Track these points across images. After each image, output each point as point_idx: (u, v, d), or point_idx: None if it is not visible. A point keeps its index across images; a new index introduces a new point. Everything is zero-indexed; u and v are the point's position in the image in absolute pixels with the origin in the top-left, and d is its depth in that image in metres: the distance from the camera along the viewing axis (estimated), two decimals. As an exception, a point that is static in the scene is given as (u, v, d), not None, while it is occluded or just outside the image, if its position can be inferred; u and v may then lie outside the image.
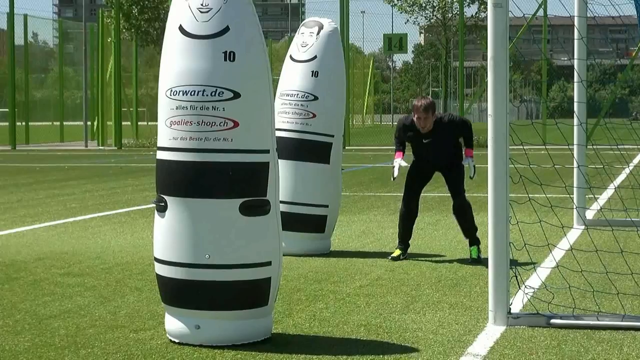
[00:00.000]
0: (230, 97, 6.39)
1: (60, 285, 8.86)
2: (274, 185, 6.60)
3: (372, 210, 15.05)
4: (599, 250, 8.85)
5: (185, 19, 6.48)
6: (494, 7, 7.03)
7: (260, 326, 6.66)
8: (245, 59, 6.44)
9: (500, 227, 7.07)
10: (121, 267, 9.80)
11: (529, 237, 8.62)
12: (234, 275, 6.47)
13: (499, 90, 7.06)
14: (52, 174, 24.22)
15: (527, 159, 7.94)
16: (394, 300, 8.11)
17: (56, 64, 53.23)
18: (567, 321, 7.10)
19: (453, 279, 9.11)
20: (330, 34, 10.67)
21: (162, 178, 6.60)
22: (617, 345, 6.57)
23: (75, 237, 12.14)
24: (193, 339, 6.55)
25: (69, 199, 17.30)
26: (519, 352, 6.40)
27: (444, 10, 41.17)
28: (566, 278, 8.20)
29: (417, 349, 6.49)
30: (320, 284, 8.89)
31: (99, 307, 7.85)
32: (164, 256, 6.60)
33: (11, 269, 9.69)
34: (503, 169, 7.05)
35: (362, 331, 7.02)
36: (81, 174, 24.43)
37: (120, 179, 22.25)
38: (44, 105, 56.44)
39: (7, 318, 7.46)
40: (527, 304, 7.62)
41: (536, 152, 9.48)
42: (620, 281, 8.38)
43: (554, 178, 10.46)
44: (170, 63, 6.52)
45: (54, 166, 27.87)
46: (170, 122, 6.48)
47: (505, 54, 7.07)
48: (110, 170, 25.68)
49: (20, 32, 43.77)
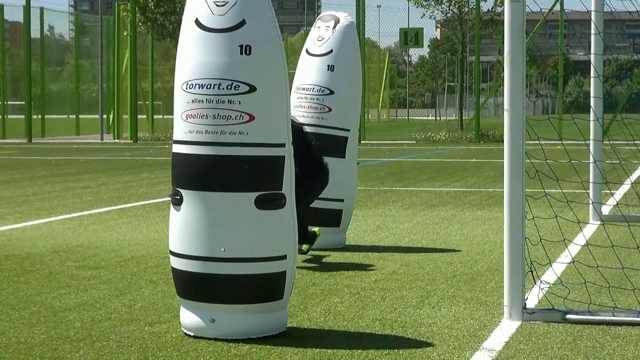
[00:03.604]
0: (246, 90, 6.39)
1: (75, 278, 8.89)
2: (290, 179, 6.61)
3: (388, 205, 15.04)
4: (615, 246, 8.83)
5: (201, 12, 6.49)
6: (510, 2, 7.01)
7: (275, 320, 6.67)
8: (261, 52, 6.44)
9: (516, 222, 7.07)
10: (136, 261, 9.82)
11: (545, 232, 8.61)
12: (249, 269, 6.48)
13: (515, 85, 7.05)
14: (67, 167, 24.28)
15: (543, 154, 7.93)
16: (409, 295, 8.11)
17: (72, 57, 53.32)
18: (582, 317, 7.09)
19: (468, 274, 9.11)
20: (346, 28, 10.67)
21: (177, 171, 6.61)
22: (633, 341, 6.56)
23: (90, 230, 12.17)
24: (208, 333, 6.56)
25: (84, 192, 17.35)
26: (534, 347, 6.40)
27: (460, 4, 41.02)
28: (582, 273, 8.19)
29: (432, 343, 6.49)
30: (335, 278, 8.90)
31: (114, 300, 7.87)
32: (179, 249, 6.61)
33: (27, 262, 9.73)
34: (519, 164, 7.04)
35: (377, 325, 7.02)
36: (97, 167, 24.49)
37: (135, 173, 22.30)
38: (60, 99, 56.54)
39: (22, 310, 7.48)
40: (543, 299, 7.62)
41: (552, 147, 9.48)
42: (636, 277, 8.37)
43: (570, 173, 10.45)
44: (186, 56, 6.52)
45: (70, 159, 27.93)
46: (186, 116, 6.49)
47: (521, 49, 7.06)
48: (126, 164, 25.73)
49: (36, 25, 43.90)
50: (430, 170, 22.75)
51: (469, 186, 18.52)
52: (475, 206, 14.90)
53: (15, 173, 22.22)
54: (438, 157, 27.66)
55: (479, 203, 15.37)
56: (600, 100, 12.35)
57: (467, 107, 54.55)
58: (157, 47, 47.11)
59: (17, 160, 28.00)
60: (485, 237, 11.54)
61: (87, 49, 53.13)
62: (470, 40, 53.96)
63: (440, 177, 20.86)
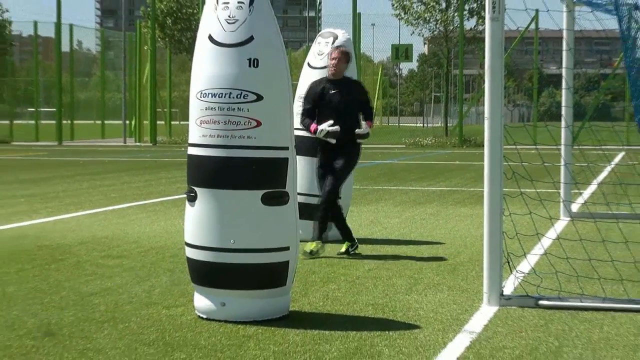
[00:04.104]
0: (254, 99, 6.39)
1: (100, 266, 8.89)
2: (292, 179, 6.61)
3: (380, 202, 15.04)
4: (583, 240, 8.84)
5: (214, 29, 6.49)
6: (491, 21, 7.02)
7: (279, 304, 6.67)
8: (267, 65, 6.44)
9: (494, 218, 7.07)
10: (155, 251, 9.82)
11: (520, 227, 8.59)
12: (256, 259, 6.48)
13: (494, 96, 7.05)
14: (93, 167, 24.27)
15: (519, 157, 7.93)
16: (398, 283, 8.11)
17: (98, 69, 53.33)
18: (553, 302, 7.10)
19: (452, 264, 9.11)
20: (343, 44, 10.66)
21: (192, 171, 6.61)
22: (598, 324, 6.57)
23: (114, 223, 12.17)
24: (219, 315, 6.56)
25: (108, 189, 17.35)
26: (510, 329, 6.40)
27: (446, 23, 40.99)
28: (553, 264, 8.19)
29: (419, 326, 6.49)
30: (332, 267, 8.90)
31: (135, 286, 7.88)
32: (193, 241, 6.61)
33: (57, 252, 9.73)
34: (498, 167, 7.05)
35: (370, 310, 7.02)
36: (120, 167, 24.48)
37: (154, 172, 22.28)
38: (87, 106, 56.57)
39: (53, 295, 7.49)
40: (518, 287, 7.62)
41: (527, 151, 9.46)
42: (601, 267, 8.37)
43: (543, 175, 10.45)
44: (201, 68, 6.53)
45: (96, 160, 27.93)
46: (200, 121, 6.49)
47: (500, 63, 7.06)
48: (146, 164, 25.72)
49: (66, 40, 43.92)
50: (418, 172, 22.73)
51: (452, 186, 18.51)
52: (458, 204, 14.90)
53: (47, 172, 22.21)
54: (425, 160, 27.63)
55: (462, 201, 15.37)
56: (570, 109, 12.35)
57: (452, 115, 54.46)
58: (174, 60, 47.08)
59: (48, 160, 27.99)
60: (467, 231, 11.54)
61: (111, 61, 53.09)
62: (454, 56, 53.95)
63: (427, 177, 20.85)
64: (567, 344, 6.02)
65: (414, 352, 5.76)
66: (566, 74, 12.36)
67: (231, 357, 5.62)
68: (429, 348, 5.87)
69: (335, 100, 9.45)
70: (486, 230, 7.12)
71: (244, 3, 6.45)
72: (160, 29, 42.83)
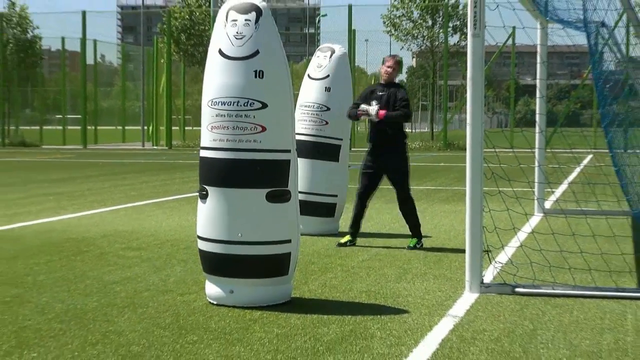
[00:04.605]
0: (259, 107, 6.39)
1: (121, 257, 8.89)
2: (294, 178, 6.60)
3: (372, 200, 14.98)
4: (555, 233, 8.84)
5: (224, 44, 6.49)
6: (472, 37, 7.02)
7: (282, 291, 6.67)
8: (271, 76, 6.44)
9: (475, 214, 7.07)
10: (170, 243, 9.82)
11: (498, 222, 8.58)
12: (261, 250, 6.47)
13: (475, 104, 7.05)
14: (115, 168, 24.27)
15: (498, 159, 7.93)
16: (389, 272, 8.11)
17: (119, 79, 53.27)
18: (528, 290, 7.10)
19: (437, 256, 9.11)
20: (340, 57, 10.68)
21: (204, 172, 6.61)
22: (569, 309, 6.57)
23: (133, 218, 12.16)
24: (228, 301, 6.56)
25: (128, 188, 17.34)
26: (489, 314, 6.40)
27: (432, 39, 40.94)
28: (528, 255, 8.19)
29: (408, 311, 6.49)
30: (330, 258, 8.89)
31: (152, 275, 7.87)
32: (205, 234, 6.61)
33: (82, 244, 9.72)
34: (478, 168, 7.05)
35: (364, 296, 7.02)
36: (138, 168, 24.48)
37: (170, 173, 22.28)
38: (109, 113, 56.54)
39: (78, 283, 7.49)
40: (497, 276, 7.62)
41: (505, 154, 9.47)
42: (571, 258, 8.37)
43: (519, 175, 10.44)
44: (212, 79, 6.52)
45: (117, 162, 27.92)
46: (211, 127, 6.49)
47: (481, 75, 7.06)
48: (162, 166, 25.71)
49: (90, 54, 43.94)
50: (407, 172, 22.67)
51: (438, 185, 18.51)
52: (443, 201, 14.90)
53: (73, 173, 22.21)
54: (413, 162, 27.55)
55: (446, 199, 15.36)
56: (543, 116, 12.35)
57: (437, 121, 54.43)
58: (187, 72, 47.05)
59: (74, 162, 27.98)
60: (450, 226, 11.54)
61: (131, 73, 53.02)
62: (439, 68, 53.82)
63: (415, 177, 20.79)
64: (541, 327, 6.02)
65: (403, 335, 5.76)
66: (540, 85, 12.36)
67: (238, 339, 5.62)
68: (416, 331, 5.87)
69: (382, 102, 9.50)
70: (468, 225, 7.11)
71: (251, 21, 6.45)
72: (175, 44, 42.77)
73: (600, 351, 5.41)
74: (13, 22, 42.26)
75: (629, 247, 9.47)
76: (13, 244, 9.70)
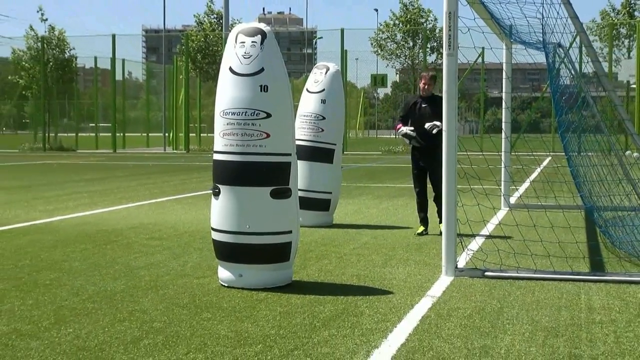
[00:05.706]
0: (265, 116, 6.38)
1: (145, 246, 8.87)
2: (294, 178, 6.60)
3: (362, 196, 15.03)
4: (519, 225, 8.84)
5: (233, 62, 6.48)
6: (447, 56, 7.01)
7: (284, 275, 6.66)
8: (275, 90, 6.43)
9: (451, 208, 7.07)
10: (188, 234, 9.80)
11: (470, 215, 8.58)
12: (266, 240, 6.46)
13: (450, 114, 7.05)
14: (140, 169, 24.23)
15: (469, 161, 7.93)
16: (376, 258, 8.10)
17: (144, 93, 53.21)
18: (496, 273, 7.09)
19: (418, 244, 9.10)
20: (334, 74, 10.67)
21: (216, 172, 6.60)
22: (531, 290, 6.56)
23: (156, 213, 12.15)
24: (237, 284, 6.55)
25: (152, 186, 17.32)
26: (463, 294, 6.39)
27: (413, 58, 40.96)
28: (496, 244, 8.19)
29: (392, 292, 6.48)
30: (325, 246, 8.88)
31: (172, 261, 7.86)
32: (217, 226, 6.60)
33: (112, 235, 9.71)
34: (453, 168, 7.05)
35: (355, 279, 7.01)
36: (160, 169, 24.45)
37: (188, 173, 22.26)
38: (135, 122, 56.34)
39: (109, 268, 7.47)
40: (469, 262, 7.62)
41: (476, 156, 9.47)
42: (533, 246, 8.37)
43: (488, 174, 10.43)
44: (223, 93, 6.51)
45: (142, 164, 27.87)
46: (222, 134, 6.48)
47: (455, 89, 7.05)
48: (181, 167, 25.68)
49: (119, 71, 43.82)
50: (392, 172, 22.72)
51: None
52: (422, 197, 14.85)
53: (104, 173, 22.18)
54: (397, 164, 27.61)
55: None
56: (509, 124, 12.35)
57: (417, 128, 54.36)
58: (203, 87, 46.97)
59: (105, 164, 27.94)
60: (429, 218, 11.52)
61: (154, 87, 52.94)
62: (419, 83, 53.78)
63: (399, 177, 20.83)
64: (507, 305, 6.01)
65: (388, 312, 5.75)
66: (505, 97, 12.36)
67: (247, 316, 5.60)
68: (400, 309, 5.86)
69: (425, 112, 9.57)
70: (444, 218, 7.11)
71: (257, 42, 6.44)
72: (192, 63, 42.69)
73: (558, 326, 5.41)
74: (53, 44, 42.09)
75: (583, 237, 9.48)
76: (52, 235, 9.68)
